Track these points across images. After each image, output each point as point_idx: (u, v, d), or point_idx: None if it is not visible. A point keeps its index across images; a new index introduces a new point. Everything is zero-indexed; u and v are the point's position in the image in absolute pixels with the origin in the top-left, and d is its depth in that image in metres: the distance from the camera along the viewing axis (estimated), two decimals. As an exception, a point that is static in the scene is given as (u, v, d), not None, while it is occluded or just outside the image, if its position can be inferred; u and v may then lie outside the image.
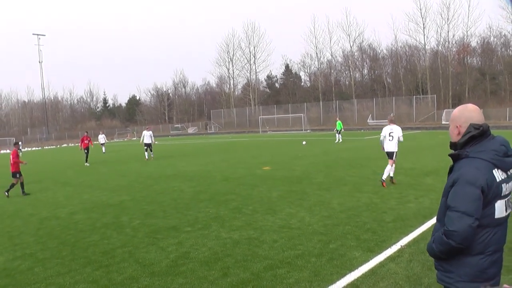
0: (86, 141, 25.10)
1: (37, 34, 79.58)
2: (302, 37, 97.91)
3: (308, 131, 56.89)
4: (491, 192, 2.39)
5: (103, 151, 35.13)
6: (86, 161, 24.31)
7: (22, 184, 14.34)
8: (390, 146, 11.58)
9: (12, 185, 14.17)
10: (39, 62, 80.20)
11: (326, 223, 7.77)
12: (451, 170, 2.58)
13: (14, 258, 6.98)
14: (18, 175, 14.32)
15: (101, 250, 7.01)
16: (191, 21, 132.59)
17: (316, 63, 76.02)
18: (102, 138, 36.32)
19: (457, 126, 2.58)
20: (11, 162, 14.42)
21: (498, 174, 2.42)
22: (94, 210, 10.58)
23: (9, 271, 6.35)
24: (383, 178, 11.22)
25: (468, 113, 2.56)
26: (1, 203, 12.87)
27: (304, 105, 66.87)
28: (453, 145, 2.63)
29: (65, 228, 8.83)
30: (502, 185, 2.43)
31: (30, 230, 8.90)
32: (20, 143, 16.15)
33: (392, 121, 11.89)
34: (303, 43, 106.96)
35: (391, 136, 11.58)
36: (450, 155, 2.59)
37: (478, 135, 2.48)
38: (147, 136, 24.58)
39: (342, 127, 31.53)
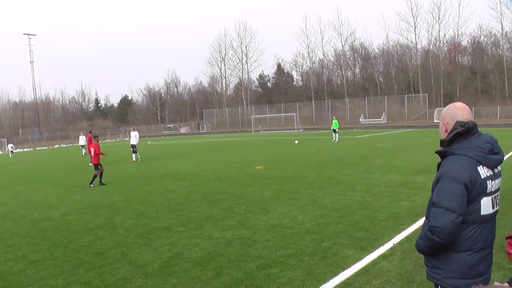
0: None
1: (28, 34, 78.91)
2: (294, 36, 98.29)
3: (301, 130, 57.00)
4: (476, 189, 2.40)
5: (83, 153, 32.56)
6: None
7: (101, 174, 15.07)
8: None
9: (95, 176, 14.87)
10: (30, 62, 79.55)
11: (319, 222, 7.78)
12: (438, 167, 2.60)
13: (6, 260, 6.90)
14: (100, 167, 15.06)
15: (94, 251, 6.97)
16: (183, 21, 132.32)
17: (308, 62, 76.36)
18: (82, 140, 33.34)
19: (444, 123, 2.62)
20: (93, 154, 15.23)
21: (483, 171, 2.44)
22: (87, 211, 10.51)
23: (1, 273, 6.28)
24: None
25: (455, 111, 2.60)
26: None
27: (296, 105, 66.97)
28: (441, 143, 2.66)
29: (57, 229, 8.76)
30: (487, 182, 2.44)
31: (22, 232, 8.82)
32: (97, 136, 16.64)
33: None
34: (295, 43, 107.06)
35: None
36: (436, 152, 2.62)
37: (463, 132, 2.50)
38: (132, 137, 24.21)
39: (338, 126, 31.51)
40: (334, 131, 31.13)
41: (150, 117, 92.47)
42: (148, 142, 50.22)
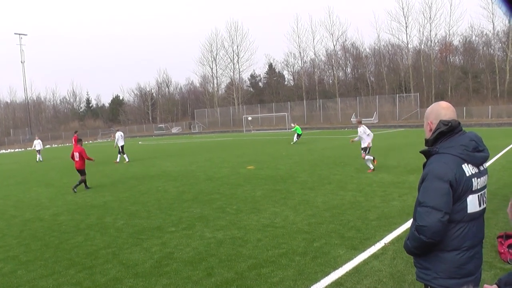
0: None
1: (19, 34, 78.09)
2: (285, 36, 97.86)
3: (292, 129, 57.02)
4: (461, 187, 2.40)
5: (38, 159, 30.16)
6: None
7: (85, 182, 14.13)
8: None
9: (82, 181, 13.92)
10: (21, 62, 78.76)
11: (310, 221, 7.78)
12: (424, 167, 2.60)
13: None
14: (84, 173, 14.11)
15: (85, 252, 6.93)
16: (174, 20, 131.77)
17: (300, 62, 76.48)
18: (38, 144, 30.61)
19: (429, 123, 2.63)
20: (78, 159, 13.99)
21: (468, 169, 2.44)
22: (78, 211, 10.44)
23: None
24: None
25: (439, 110, 2.60)
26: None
27: (288, 104, 67.08)
28: (426, 142, 2.66)
29: (48, 230, 8.70)
30: (473, 179, 2.44)
31: (13, 232, 8.74)
32: (81, 139, 15.46)
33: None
34: (286, 42, 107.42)
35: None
36: (421, 151, 2.63)
37: (447, 131, 2.51)
38: (118, 137, 23.73)
39: (301, 132, 30.32)
40: (298, 135, 29.88)
41: (142, 117, 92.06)
42: (140, 142, 50.01)
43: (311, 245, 6.38)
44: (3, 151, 61.40)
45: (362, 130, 13.94)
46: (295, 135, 30.05)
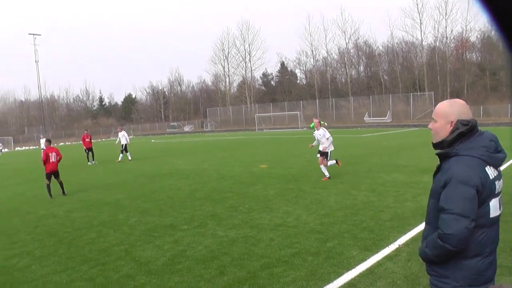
0: (87, 140, 23.95)
1: (33, 34, 78.90)
2: (297, 34, 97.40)
3: (305, 129, 56.85)
4: (485, 191, 2.28)
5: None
6: (92, 159, 23.70)
7: (62, 185, 13.26)
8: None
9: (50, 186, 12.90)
10: (35, 61, 79.55)
11: (323, 221, 7.73)
12: (438, 170, 2.47)
13: (12, 256, 6.98)
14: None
15: (98, 248, 7.01)
16: (186, 19, 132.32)
17: (312, 60, 75.95)
18: (42, 143, 31.71)
19: (451, 122, 2.41)
20: (54, 159, 13.25)
21: (491, 172, 2.33)
22: (91, 208, 10.54)
23: (7, 269, 6.39)
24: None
25: (459, 109, 2.43)
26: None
27: (300, 103, 66.72)
28: (439, 144, 2.49)
29: (62, 226, 8.83)
30: (495, 182, 2.34)
31: (27, 228, 8.89)
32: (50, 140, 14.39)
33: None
34: (298, 41, 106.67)
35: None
36: (438, 154, 2.47)
37: (466, 131, 2.36)
38: (121, 137, 23.78)
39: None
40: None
41: (154, 116, 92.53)
42: (152, 140, 50.33)
43: (324, 245, 6.34)
44: (18, 148, 62.39)
45: (322, 133, 12.79)
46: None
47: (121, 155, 23.60)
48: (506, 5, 1.26)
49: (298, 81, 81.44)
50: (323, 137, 12.81)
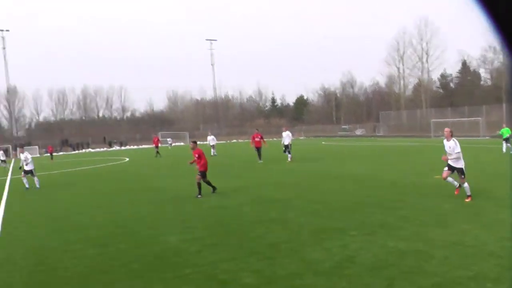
0: (257, 139, 24.54)
1: (210, 40, 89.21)
2: (481, 26, 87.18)
3: (487, 137, 51.10)
4: None
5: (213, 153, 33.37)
6: (259, 158, 24.39)
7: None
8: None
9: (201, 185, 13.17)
10: (211, 64, 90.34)
11: (504, 244, 7.02)
12: None
13: (185, 240, 7.93)
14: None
15: (266, 243, 7.44)
16: (361, 20, 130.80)
17: (501, 57, 67.73)
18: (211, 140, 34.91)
19: None
20: (201, 160, 13.46)
21: None
22: (261, 203, 11.31)
23: (180, 251, 7.28)
24: None
25: None
26: (176, 189, 14.62)
27: (483, 108, 60.12)
28: None
29: (232, 218, 9.65)
30: None
31: (199, 217, 9.97)
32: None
33: None
34: (484, 34, 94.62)
35: None
36: None
37: None
38: (284, 137, 24.14)
39: (510, 133, 26.65)
40: (506, 140, 26.45)
41: (325, 117, 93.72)
42: (323, 142, 51.24)
43: (505, 272, 5.79)
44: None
45: (453, 145, 11.76)
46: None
47: (289, 155, 23.98)
48: (507, 7, 1.17)
49: (481, 82, 73.59)
50: (452, 150, 11.52)
